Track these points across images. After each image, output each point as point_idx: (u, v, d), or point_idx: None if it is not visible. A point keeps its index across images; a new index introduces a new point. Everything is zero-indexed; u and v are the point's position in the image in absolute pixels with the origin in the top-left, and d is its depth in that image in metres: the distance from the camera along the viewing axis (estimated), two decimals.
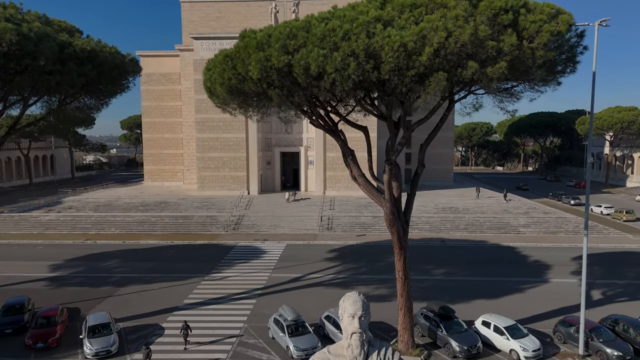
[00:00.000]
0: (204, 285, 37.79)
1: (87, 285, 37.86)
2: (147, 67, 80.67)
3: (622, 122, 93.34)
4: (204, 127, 69.29)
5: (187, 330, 26.51)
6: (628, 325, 26.95)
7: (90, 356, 25.52)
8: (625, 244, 51.05)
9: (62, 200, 68.49)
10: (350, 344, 8.78)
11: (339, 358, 8.97)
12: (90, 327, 26.97)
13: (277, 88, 18.00)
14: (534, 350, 25.13)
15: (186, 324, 26.72)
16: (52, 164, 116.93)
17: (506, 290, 36.37)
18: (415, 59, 16.19)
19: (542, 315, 31.35)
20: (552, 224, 57.21)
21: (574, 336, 26.62)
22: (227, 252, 47.60)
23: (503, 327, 26.43)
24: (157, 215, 60.38)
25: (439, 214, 60.74)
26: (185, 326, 26.58)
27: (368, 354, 8.88)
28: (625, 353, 24.83)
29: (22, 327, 28.75)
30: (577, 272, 39.24)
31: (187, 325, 26.67)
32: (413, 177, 25.24)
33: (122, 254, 47.17)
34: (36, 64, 22.47)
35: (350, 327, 8.83)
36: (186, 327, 26.53)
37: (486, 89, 18.37)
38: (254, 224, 58.08)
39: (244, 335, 28.61)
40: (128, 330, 29.22)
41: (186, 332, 26.52)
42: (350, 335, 8.82)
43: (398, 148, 22.38)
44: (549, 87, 21.00)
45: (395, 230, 24.39)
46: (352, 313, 8.90)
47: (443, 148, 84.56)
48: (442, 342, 26.33)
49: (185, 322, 27.07)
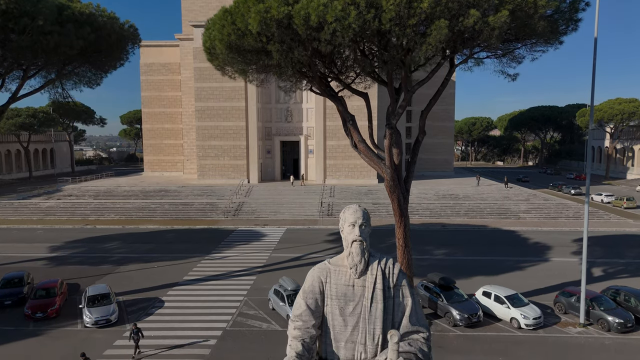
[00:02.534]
0: (204, 263, 37.72)
1: (87, 264, 37.77)
2: (146, 57, 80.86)
3: (622, 114, 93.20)
4: (203, 115, 69.19)
5: (137, 335, 22.04)
6: (629, 295, 26.85)
7: (90, 325, 25.44)
8: (625, 228, 50.96)
9: (62, 188, 68.42)
10: (351, 252, 8.64)
11: (339, 267, 8.86)
12: (89, 297, 26.89)
13: (277, 43, 17.90)
14: (534, 318, 25.06)
15: (136, 327, 22.20)
16: (52, 157, 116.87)
17: (506, 268, 36.29)
18: (417, 6, 16.07)
19: (542, 289, 31.26)
20: (552, 210, 57.10)
21: (574, 306, 26.55)
22: (227, 235, 47.54)
23: (504, 297, 26.35)
24: (156, 202, 60.29)
25: (439, 200, 60.65)
26: (136, 330, 22.07)
27: (369, 262, 8.77)
28: (627, 321, 24.75)
29: (21, 299, 28.69)
30: (578, 252, 39.19)
31: (137, 328, 22.18)
32: (414, 144, 25.14)
33: (121, 237, 47.10)
34: (35, 24, 22.37)
35: (351, 236, 8.69)
36: (137, 332, 22.03)
37: (488, 42, 18.21)
38: (254, 210, 57.99)
39: (244, 307, 28.53)
40: (128, 303, 29.14)
41: (137, 336, 22.02)
42: (351, 244, 8.68)
43: (399, 111, 22.28)
44: (550, 46, 20.86)
45: (396, 197, 24.30)
46: (352, 222, 8.77)
47: (443, 138, 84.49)
48: (443, 311, 26.24)
49: (135, 324, 22.60)
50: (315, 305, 8.61)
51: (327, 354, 8.64)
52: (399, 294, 8.85)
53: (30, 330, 25.52)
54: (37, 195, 65.03)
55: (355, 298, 8.76)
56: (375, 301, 8.66)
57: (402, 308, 8.74)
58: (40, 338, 24.52)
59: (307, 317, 8.57)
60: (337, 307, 8.74)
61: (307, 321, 8.54)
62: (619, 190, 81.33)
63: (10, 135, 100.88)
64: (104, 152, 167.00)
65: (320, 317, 8.72)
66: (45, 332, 25.22)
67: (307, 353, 8.18)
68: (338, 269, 9.01)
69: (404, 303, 8.78)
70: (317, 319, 8.60)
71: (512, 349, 23.29)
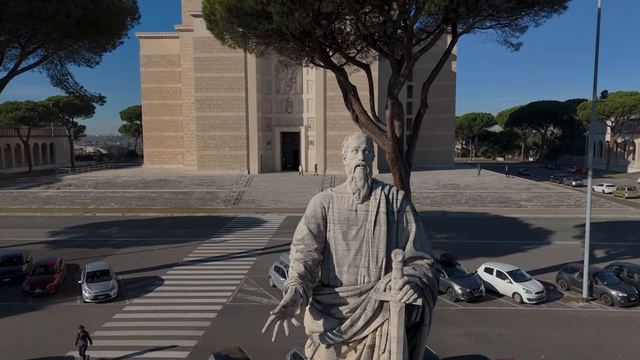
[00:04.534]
0: (204, 246, 37.53)
1: (87, 247, 37.57)
2: (146, 48, 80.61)
3: (623, 107, 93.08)
4: (203, 105, 68.97)
5: (85, 341, 18.64)
6: (633, 271, 26.67)
7: (89, 299, 25.23)
8: (627, 215, 50.76)
9: (61, 178, 68.25)
10: (354, 177, 8.45)
11: (341, 194, 8.66)
12: (89, 274, 26.71)
13: (277, 4, 17.69)
14: (537, 292, 24.86)
15: (83, 331, 18.76)
16: (51, 152, 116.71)
17: (508, 250, 36.08)
18: None
19: (544, 269, 31.02)
20: (554, 199, 56.90)
21: (577, 281, 26.34)
22: (227, 222, 47.35)
23: (506, 272, 26.15)
24: (156, 192, 60.05)
25: (440, 190, 60.41)
26: (82, 334, 18.67)
27: (372, 188, 8.55)
28: (630, 295, 24.54)
29: (19, 277, 28.46)
30: (580, 236, 39.02)
31: (84, 332, 18.80)
32: (416, 117, 24.94)
33: (121, 224, 46.91)
34: None
35: (354, 161, 8.48)
36: (83, 336, 18.64)
37: (492, 3, 17.92)
38: (254, 199, 57.79)
39: (245, 284, 28.33)
40: (127, 281, 28.95)
41: (84, 342, 18.60)
42: (354, 169, 8.48)
43: (401, 80, 22.07)
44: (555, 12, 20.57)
45: (397, 170, 24.08)
46: (355, 146, 8.57)
47: (444, 130, 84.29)
48: (445, 286, 26.01)
49: (82, 327, 18.98)
50: (317, 230, 8.41)
51: (330, 279, 8.44)
52: (402, 219, 8.64)
53: (28, 305, 25.31)
54: (36, 185, 64.85)
55: (358, 222, 8.55)
56: (378, 224, 8.45)
57: (406, 234, 8.53)
58: (39, 312, 24.31)
59: (309, 241, 8.36)
60: (340, 231, 8.53)
61: (309, 245, 8.33)
62: (620, 182, 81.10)
63: (10, 129, 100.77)
64: (104, 149, 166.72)
65: (322, 243, 8.51)
66: (44, 306, 25.00)
67: (310, 275, 7.97)
68: (341, 195, 8.80)
69: (408, 228, 8.57)
70: (319, 244, 8.39)
71: (514, 321, 23.08)
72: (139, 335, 21.28)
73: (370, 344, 8.09)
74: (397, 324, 7.70)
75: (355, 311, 8.08)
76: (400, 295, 7.55)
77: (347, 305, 8.12)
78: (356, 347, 8.25)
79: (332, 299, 8.25)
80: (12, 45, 29.66)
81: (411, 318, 7.98)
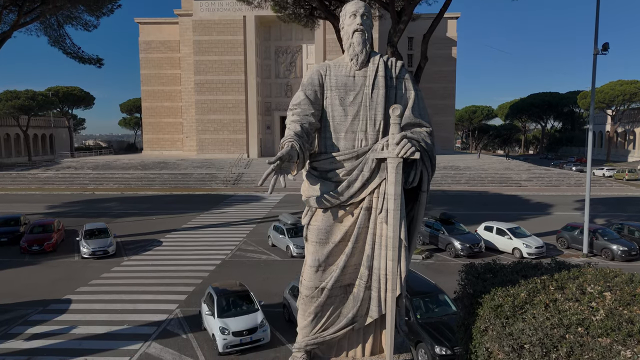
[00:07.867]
0: (203, 216, 37.41)
1: (86, 217, 37.41)
2: (146, 34, 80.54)
3: (624, 95, 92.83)
4: (203, 88, 68.85)
5: None
6: (634, 228, 26.56)
7: (87, 255, 25.11)
8: (628, 193, 50.64)
9: (60, 161, 68.17)
10: (352, 43, 8.31)
11: (339, 63, 8.53)
12: (87, 231, 26.61)
13: None
14: (537, 247, 24.72)
15: None
16: (51, 143, 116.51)
17: (509, 219, 35.78)
18: None
19: (545, 233, 30.84)
20: (554, 179, 56.77)
21: (578, 239, 26.23)
22: (226, 198, 47.24)
23: (506, 229, 26.03)
24: (155, 173, 59.93)
25: (440, 171, 60.06)
26: None
27: (370, 55, 8.42)
28: (631, 249, 24.41)
29: (17, 237, 28.33)
30: (580, 208, 38.85)
31: None
32: (416, 71, 24.81)
33: (120, 200, 46.82)
34: None
35: (352, 26, 8.33)
36: None
37: None
38: (253, 180, 57.60)
39: (243, 245, 28.19)
40: (126, 243, 28.80)
41: None
42: (352, 34, 8.33)
43: (400, 27, 21.93)
44: None
45: None
46: (353, 11, 8.42)
47: (444, 116, 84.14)
48: (444, 243, 25.89)
49: None
50: (314, 97, 8.28)
51: (327, 147, 8.31)
52: (401, 85, 8.50)
53: (25, 261, 25.15)
54: (35, 167, 64.73)
55: (355, 88, 8.41)
56: (376, 87, 8.32)
57: (405, 101, 8.39)
58: (36, 266, 24.16)
59: (305, 106, 8.24)
60: (337, 97, 8.40)
61: (306, 109, 8.21)
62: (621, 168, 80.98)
63: (10, 119, 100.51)
64: (103, 142, 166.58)
65: (319, 110, 8.38)
66: (41, 262, 24.86)
67: (306, 136, 7.83)
68: (338, 64, 8.67)
69: (406, 96, 8.43)
70: (316, 110, 8.26)
71: None
72: (137, 283, 21.15)
73: (367, 206, 7.97)
74: (395, 181, 7.57)
75: (352, 173, 7.96)
76: (398, 150, 7.44)
77: (343, 168, 8.00)
78: (353, 212, 8.13)
79: (329, 164, 8.14)
80: (9, 7, 29.56)
81: (409, 179, 7.84)
